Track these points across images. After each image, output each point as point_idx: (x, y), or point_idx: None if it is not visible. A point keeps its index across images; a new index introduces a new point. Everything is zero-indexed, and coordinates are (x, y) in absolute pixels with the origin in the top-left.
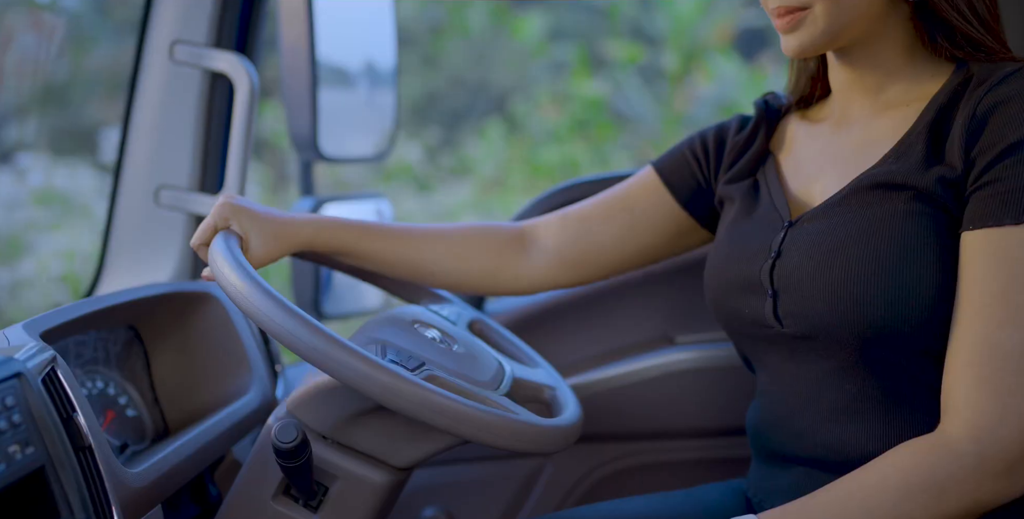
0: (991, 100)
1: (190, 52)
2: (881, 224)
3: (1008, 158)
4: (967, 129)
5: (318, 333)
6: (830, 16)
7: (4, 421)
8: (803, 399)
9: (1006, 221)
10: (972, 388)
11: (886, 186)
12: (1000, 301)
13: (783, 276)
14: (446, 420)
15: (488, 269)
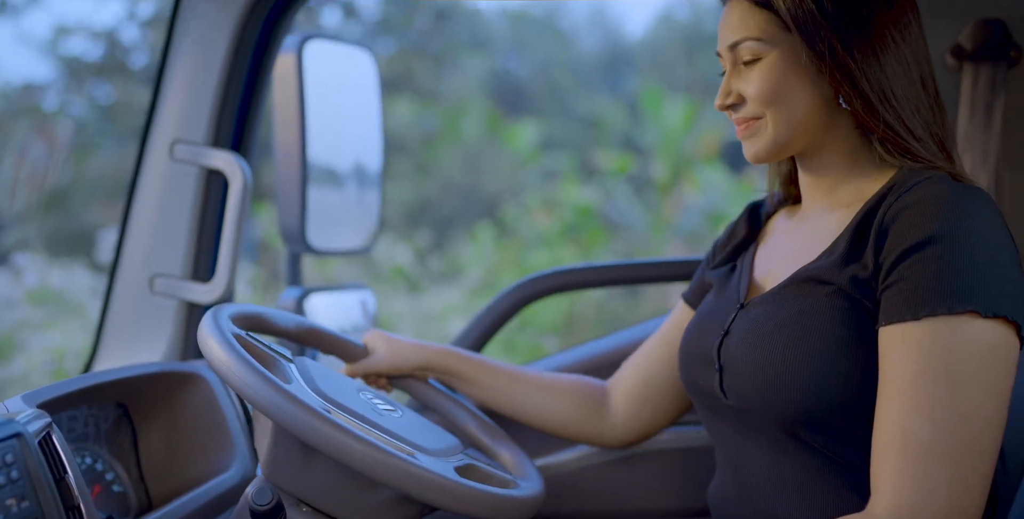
0: (899, 205)
1: (189, 151)
2: (805, 315)
3: (908, 259)
4: (877, 232)
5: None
6: (779, 125)
7: (3, 476)
8: (748, 470)
9: (908, 317)
10: (893, 473)
11: (814, 280)
12: (912, 392)
13: (727, 353)
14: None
15: (572, 421)
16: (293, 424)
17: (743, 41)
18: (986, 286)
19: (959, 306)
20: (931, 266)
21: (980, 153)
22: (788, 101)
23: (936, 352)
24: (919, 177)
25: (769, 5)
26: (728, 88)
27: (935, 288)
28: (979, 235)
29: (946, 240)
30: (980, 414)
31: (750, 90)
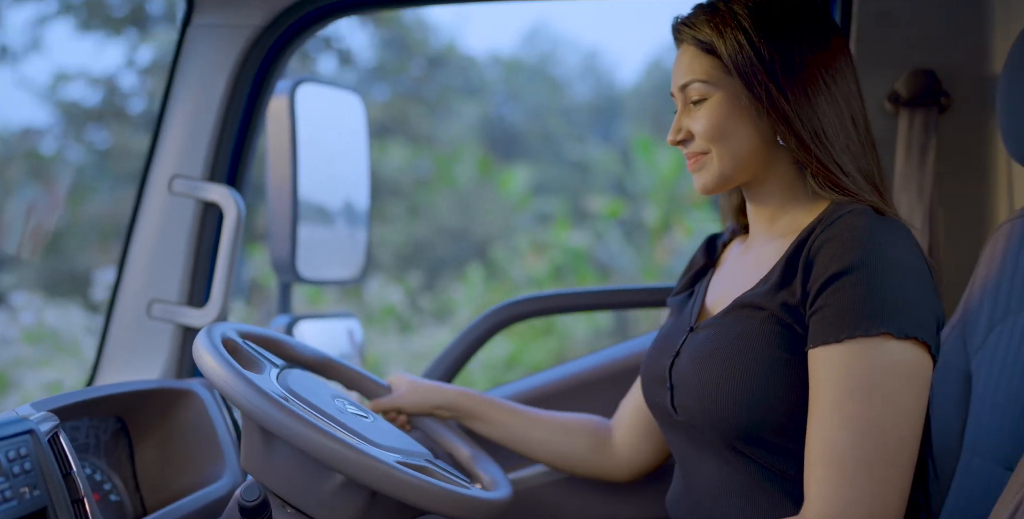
0: (823, 238)
1: (187, 185)
2: (743, 339)
3: (830, 287)
4: (805, 262)
5: (286, 412)
6: (723, 160)
7: (18, 466)
8: (698, 478)
9: (831, 340)
10: (822, 482)
11: (751, 306)
12: (836, 408)
13: (677, 373)
14: (434, 504)
15: (582, 458)
16: (248, 407)
17: (691, 83)
18: (899, 311)
19: (874, 329)
20: (850, 293)
21: (916, 191)
22: (731, 138)
23: (856, 371)
24: (843, 210)
25: (714, 51)
26: (679, 125)
27: (854, 313)
28: (893, 264)
29: (862, 269)
30: (897, 427)
31: (698, 127)
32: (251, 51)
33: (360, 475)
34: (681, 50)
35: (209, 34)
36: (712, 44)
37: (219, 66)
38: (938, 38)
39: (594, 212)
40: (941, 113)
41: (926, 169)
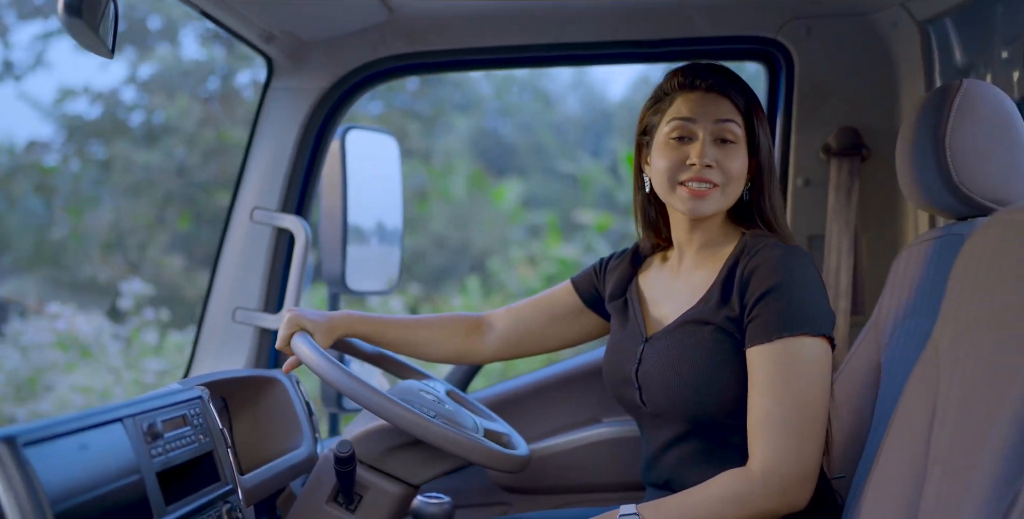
0: (752, 265)
1: (265, 215)
2: (695, 348)
3: (762, 302)
4: (739, 283)
5: (379, 395)
6: (727, 197)
7: (197, 420)
8: (663, 451)
9: (764, 340)
10: (761, 444)
11: (698, 321)
12: (769, 390)
13: (643, 376)
14: (457, 448)
15: (460, 348)
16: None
17: (731, 122)
18: (811, 316)
19: (797, 330)
20: (777, 305)
21: (844, 222)
22: (739, 183)
23: (783, 361)
24: (761, 243)
25: (745, 115)
26: (710, 153)
27: (779, 320)
28: (804, 282)
29: (784, 288)
30: (813, 400)
31: (734, 165)
32: (317, 108)
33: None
34: (713, 95)
35: (284, 95)
36: (748, 112)
37: (291, 120)
38: (860, 103)
39: (584, 225)
40: (863, 162)
41: (851, 205)
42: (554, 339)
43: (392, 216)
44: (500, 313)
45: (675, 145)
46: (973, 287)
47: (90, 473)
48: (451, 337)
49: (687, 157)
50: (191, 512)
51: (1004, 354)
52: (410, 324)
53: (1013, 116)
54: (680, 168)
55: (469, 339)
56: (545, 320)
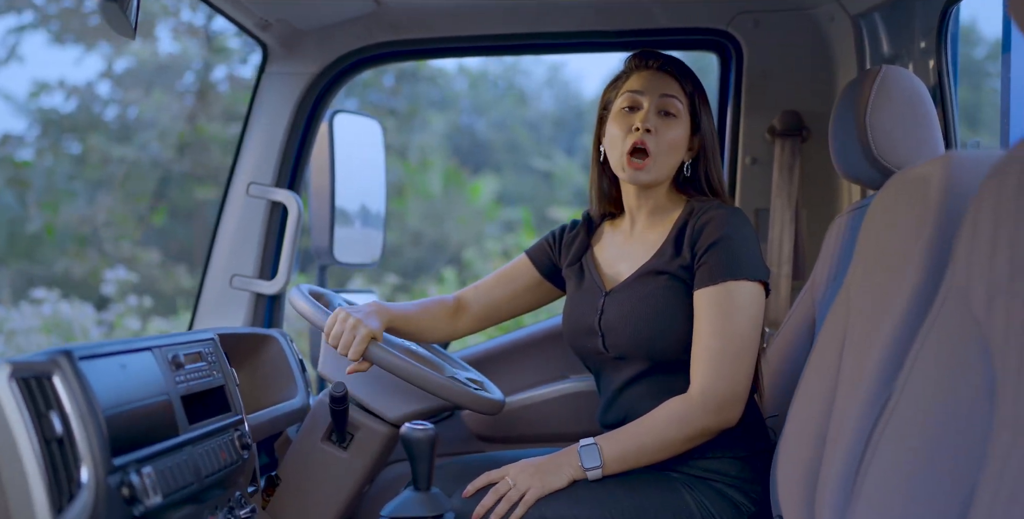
0: (702, 221)
1: (260, 189)
2: (653, 295)
3: (709, 251)
4: (690, 237)
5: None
6: (660, 168)
7: (211, 357)
8: (622, 391)
9: (709, 284)
10: (701, 370)
11: (655, 272)
12: (711, 325)
13: (605, 324)
14: (442, 391)
15: (446, 329)
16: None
17: (674, 98)
18: (748, 263)
19: (737, 275)
20: (721, 254)
21: (786, 197)
22: (675, 154)
23: (724, 302)
24: (708, 205)
25: (689, 94)
26: (652, 120)
27: (723, 267)
28: (744, 236)
29: (726, 240)
30: (747, 335)
31: (670, 134)
32: (307, 92)
33: (403, 374)
34: (662, 73)
35: (278, 79)
36: (692, 94)
37: (284, 102)
38: (801, 89)
39: (558, 221)
40: (803, 142)
41: (793, 181)
42: (517, 309)
43: (376, 194)
44: (469, 292)
45: (625, 115)
46: (874, 235)
47: (129, 389)
48: (441, 322)
49: (633, 124)
50: (208, 433)
51: (886, 283)
52: (407, 315)
53: (924, 97)
54: (627, 133)
55: (453, 321)
56: (508, 294)
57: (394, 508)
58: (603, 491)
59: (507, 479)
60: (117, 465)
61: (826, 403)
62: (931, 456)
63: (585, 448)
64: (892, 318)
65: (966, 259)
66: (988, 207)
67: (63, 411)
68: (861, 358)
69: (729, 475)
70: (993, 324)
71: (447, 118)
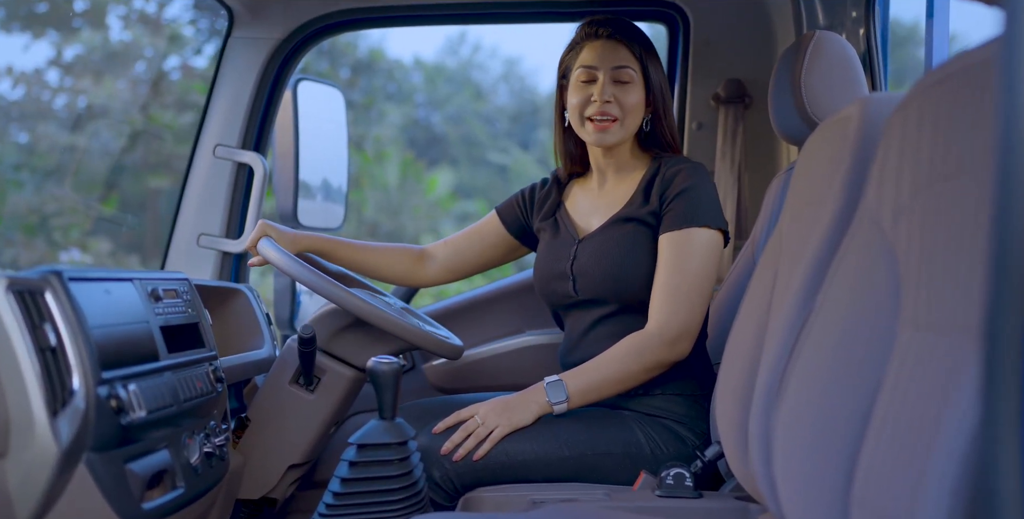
0: (672, 172)
1: (226, 151)
2: (622, 240)
3: (676, 199)
4: (660, 188)
5: (339, 287)
6: (626, 128)
7: (187, 295)
8: (587, 332)
9: (674, 228)
10: (659, 307)
11: (625, 219)
12: (672, 265)
13: (577, 268)
14: (404, 333)
15: (406, 272)
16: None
17: (626, 68)
18: (710, 212)
19: (700, 222)
20: (685, 202)
21: (730, 160)
22: (636, 114)
23: (685, 245)
24: (676, 159)
25: (639, 58)
26: (611, 92)
27: (687, 214)
28: (706, 187)
29: (692, 190)
30: (704, 274)
31: (630, 100)
32: (272, 57)
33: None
34: (612, 42)
35: (243, 44)
36: (642, 57)
37: (249, 67)
38: (743, 57)
39: None
40: (746, 109)
41: (736, 146)
42: (484, 264)
43: (338, 159)
44: (439, 245)
45: (583, 86)
46: (802, 177)
47: (114, 313)
48: (398, 263)
49: (591, 95)
50: (185, 363)
51: (810, 214)
52: (363, 248)
53: (853, 60)
54: (586, 104)
55: (414, 266)
56: (477, 249)
57: (361, 435)
58: (560, 427)
59: (476, 418)
60: (105, 378)
61: (758, 333)
62: (844, 359)
63: (551, 384)
64: (814, 242)
65: (877, 182)
66: (895, 137)
67: (55, 324)
68: (787, 284)
69: (677, 413)
70: (898, 236)
71: (403, 111)
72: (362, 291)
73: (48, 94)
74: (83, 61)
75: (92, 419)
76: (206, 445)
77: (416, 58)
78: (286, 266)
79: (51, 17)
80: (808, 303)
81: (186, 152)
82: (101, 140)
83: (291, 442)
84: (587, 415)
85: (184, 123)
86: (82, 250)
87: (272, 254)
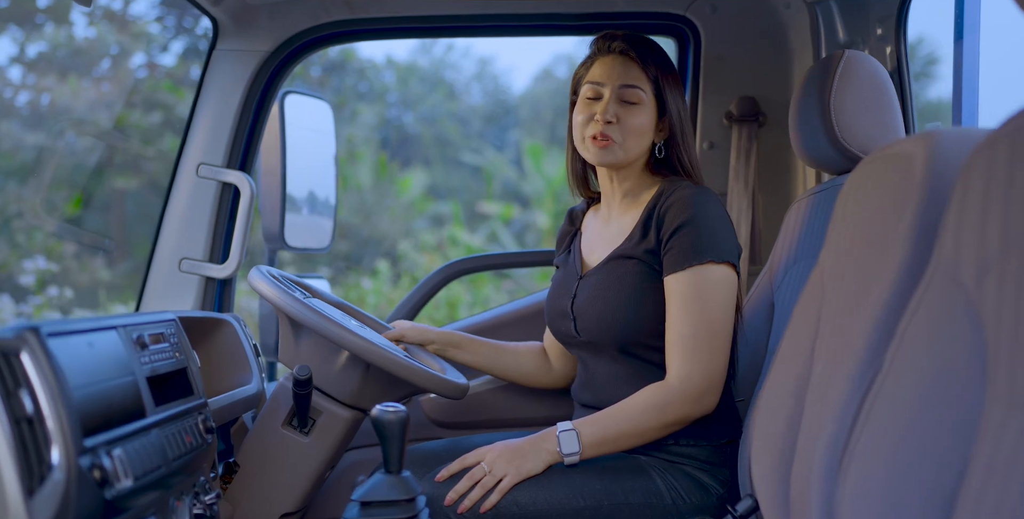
0: (668, 203)
1: (210, 170)
2: (622, 280)
3: (675, 235)
4: (656, 221)
5: (339, 326)
6: (628, 150)
7: (173, 338)
8: (595, 374)
9: (677, 269)
10: (676, 357)
11: (624, 257)
12: (682, 311)
13: (577, 308)
14: (409, 374)
15: (531, 374)
16: (290, 309)
17: (634, 87)
18: (716, 246)
19: (704, 259)
20: (687, 238)
21: (744, 181)
22: (643, 137)
23: (694, 287)
24: (675, 185)
25: (652, 79)
26: (613, 111)
27: (689, 251)
28: (711, 216)
29: (693, 222)
30: (720, 319)
31: (634, 122)
32: (260, 71)
33: (369, 357)
34: (624, 59)
35: (229, 57)
36: (657, 78)
37: (236, 81)
38: (757, 75)
39: (488, 215)
40: (760, 127)
41: (750, 167)
42: None
43: (326, 177)
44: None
45: (588, 104)
46: (852, 214)
47: (97, 368)
48: (524, 365)
49: (595, 113)
50: (173, 416)
51: (870, 261)
52: (494, 348)
53: (886, 82)
54: (588, 122)
55: (537, 367)
56: None
57: (365, 492)
58: (574, 474)
59: (482, 465)
60: (88, 446)
61: (799, 385)
62: (921, 432)
63: (564, 433)
64: (877, 296)
65: (955, 232)
66: (978, 180)
67: (32, 390)
68: (843, 338)
69: (700, 459)
70: (984, 296)
71: (375, 111)
72: (358, 324)
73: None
74: (46, 58)
75: (73, 496)
76: (196, 506)
77: (388, 57)
78: (277, 300)
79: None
80: (874, 362)
81: (152, 152)
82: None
83: (284, 489)
84: (603, 462)
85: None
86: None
87: (263, 286)
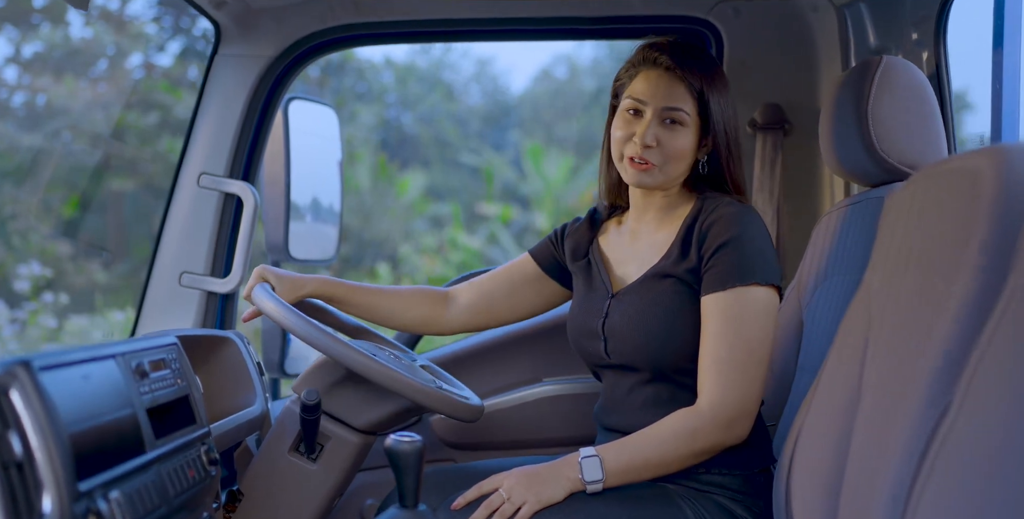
0: (709, 221)
1: (212, 180)
2: (659, 299)
3: (717, 253)
4: (698, 238)
5: (344, 344)
6: (668, 174)
7: (174, 364)
8: (624, 397)
9: (718, 289)
10: (710, 382)
11: (661, 275)
12: (720, 334)
13: (609, 328)
14: (422, 397)
15: (426, 318)
16: (302, 333)
17: (679, 110)
18: (760, 266)
19: (748, 280)
20: (729, 257)
21: (768, 192)
22: (684, 161)
23: (734, 308)
24: (717, 202)
25: (700, 99)
26: (654, 133)
27: (733, 270)
28: (754, 236)
29: (737, 241)
30: (758, 344)
31: (676, 145)
32: (264, 76)
33: (381, 381)
34: (670, 76)
35: (232, 62)
36: (702, 94)
37: (239, 87)
38: (783, 81)
39: (487, 216)
40: (785, 136)
41: (775, 176)
42: (517, 309)
43: (332, 187)
44: (463, 287)
45: (628, 120)
46: (903, 233)
47: (93, 403)
48: (416, 306)
49: (634, 133)
50: (175, 449)
51: (931, 286)
52: (376, 292)
53: (927, 89)
54: (627, 141)
55: (434, 309)
56: (507, 290)
57: None
58: (599, 503)
59: (500, 492)
60: (83, 491)
61: (847, 416)
62: (1001, 469)
63: (587, 460)
64: (942, 327)
65: None
66: None
67: (22, 431)
68: (899, 370)
69: (731, 489)
70: None
71: (374, 111)
72: (370, 344)
73: (6, 92)
74: (42, 58)
75: None
76: None
77: (387, 58)
78: (284, 319)
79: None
80: (940, 397)
81: (150, 154)
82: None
83: (291, 518)
84: (628, 490)
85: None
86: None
87: (268, 305)
